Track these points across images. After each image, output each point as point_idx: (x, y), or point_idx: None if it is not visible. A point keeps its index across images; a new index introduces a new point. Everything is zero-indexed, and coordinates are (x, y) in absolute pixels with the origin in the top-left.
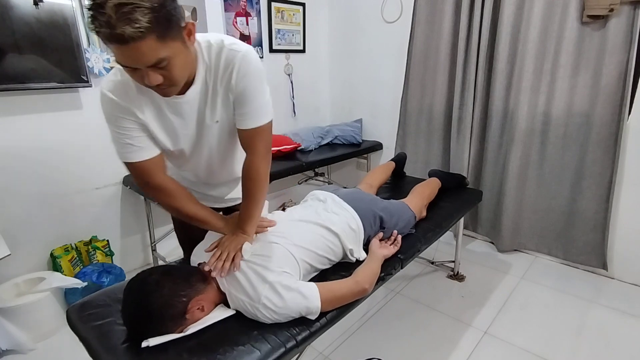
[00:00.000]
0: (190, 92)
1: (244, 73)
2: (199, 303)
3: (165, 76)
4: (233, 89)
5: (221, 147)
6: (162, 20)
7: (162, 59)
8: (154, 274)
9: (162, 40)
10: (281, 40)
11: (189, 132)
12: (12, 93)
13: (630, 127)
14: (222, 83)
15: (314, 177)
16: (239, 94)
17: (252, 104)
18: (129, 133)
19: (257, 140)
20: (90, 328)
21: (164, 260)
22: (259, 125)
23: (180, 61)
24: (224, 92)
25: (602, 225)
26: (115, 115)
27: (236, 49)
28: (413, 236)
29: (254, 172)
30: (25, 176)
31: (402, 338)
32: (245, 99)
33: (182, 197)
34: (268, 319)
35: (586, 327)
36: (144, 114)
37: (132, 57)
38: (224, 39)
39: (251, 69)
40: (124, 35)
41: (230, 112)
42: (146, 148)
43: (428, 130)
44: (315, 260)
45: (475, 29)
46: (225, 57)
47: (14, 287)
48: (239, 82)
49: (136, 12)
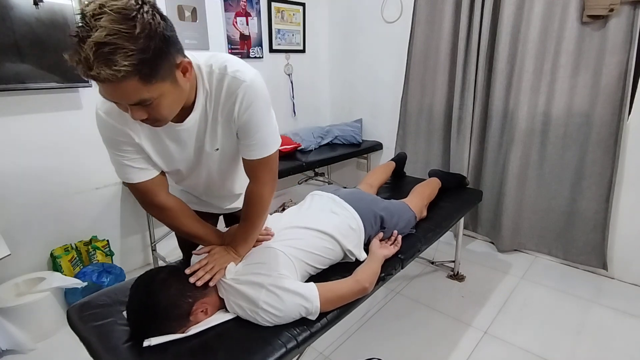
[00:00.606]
0: (188, 120)
1: (248, 104)
2: (203, 305)
3: (150, 113)
4: (236, 120)
5: (222, 171)
6: (149, 62)
7: (144, 100)
8: (161, 272)
9: (146, 82)
10: (281, 40)
11: (187, 156)
12: (12, 93)
13: (630, 127)
14: (224, 113)
15: (314, 177)
16: (243, 125)
17: (258, 135)
18: (128, 155)
19: (262, 170)
20: (91, 328)
21: (164, 260)
22: (264, 157)
23: (168, 100)
24: (225, 122)
25: (602, 225)
26: (113, 138)
27: (240, 77)
28: (413, 236)
29: (257, 198)
30: (26, 176)
31: (402, 338)
32: (250, 130)
33: (184, 216)
34: (268, 322)
35: (586, 327)
36: (139, 138)
37: (111, 94)
38: (227, 65)
39: (255, 99)
40: (99, 77)
41: (232, 141)
42: (146, 169)
43: (428, 130)
44: (313, 260)
45: (475, 29)
46: (228, 86)
47: (14, 287)
48: (243, 114)
49: (117, 54)
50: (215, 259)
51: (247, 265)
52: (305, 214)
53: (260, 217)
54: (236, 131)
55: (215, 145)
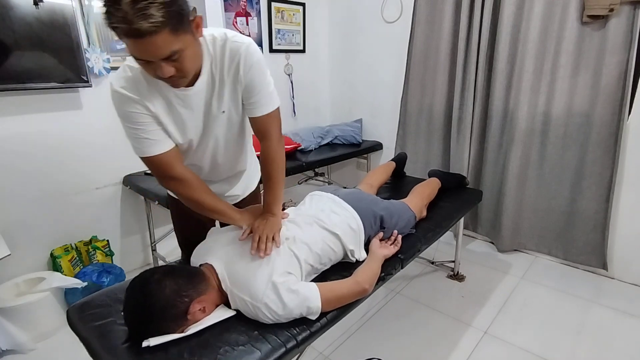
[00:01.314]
0: (197, 84)
1: (251, 62)
2: (200, 304)
3: (177, 68)
4: (241, 80)
5: (227, 137)
6: (174, 14)
7: (175, 52)
8: (156, 273)
9: (174, 33)
10: (281, 40)
11: (197, 123)
12: (12, 93)
13: (630, 127)
14: (230, 74)
15: (314, 177)
16: (248, 84)
17: (262, 92)
18: (144, 127)
19: (270, 125)
20: (91, 328)
21: (164, 260)
22: (270, 111)
23: (191, 53)
24: (231, 83)
25: (602, 225)
26: (129, 112)
27: (239, 40)
28: (413, 236)
29: (273, 155)
30: (26, 176)
31: (402, 338)
32: (254, 88)
33: (201, 189)
34: (269, 319)
35: (586, 327)
36: (155, 107)
37: (147, 51)
38: (227, 32)
39: (255, 59)
40: (141, 30)
41: (237, 103)
42: (163, 141)
43: (428, 130)
44: (316, 261)
45: (475, 29)
46: (230, 49)
47: (14, 287)
48: (247, 73)
49: (151, 8)
50: (262, 229)
51: (255, 259)
52: (309, 213)
53: (281, 173)
54: (242, 93)
55: (221, 108)
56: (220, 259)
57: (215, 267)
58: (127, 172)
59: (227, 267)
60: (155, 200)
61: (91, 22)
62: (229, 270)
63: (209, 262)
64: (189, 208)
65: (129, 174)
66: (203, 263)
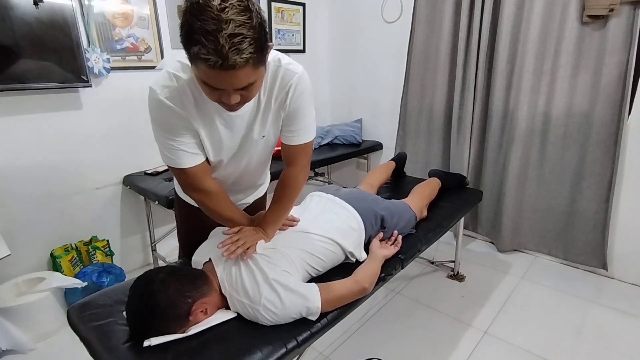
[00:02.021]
0: (244, 107)
1: (300, 93)
2: (202, 305)
3: (243, 96)
4: (287, 107)
5: (259, 158)
6: (260, 48)
7: (251, 83)
8: (160, 273)
9: (256, 67)
10: (281, 40)
11: (234, 144)
12: (12, 93)
13: (630, 127)
14: (277, 101)
15: (314, 177)
16: (292, 112)
17: (303, 122)
18: (182, 139)
19: (302, 155)
20: (91, 328)
21: (164, 260)
22: (305, 142)
23: (260, 83)
24: (276, 109)
25: (602, 225)
26: (171, 124)
27: (293, 69)
28: (413, 236)
29: (293, 181)
30: (26, 176)
31: (402, 338)
32: (297, 118)
33: (225, 201)
34: (268, 321)
35: (586, 327)
36: (196, 123)
37: (226, 81)
38: (281, 58)
39: (306, 89)
40: (234, 65)
41: (277, 128)
42: (197, 154)
43: (428, 130)
44: (315, 263)
45: (475, 29)
46: (282, 77)
47: (14, 287)
48: (294, 101)
49: (244, 42)
50: (246, 235)
51: (255, 261)
52: (307, 217)
53: (292, 200)
54: (283, 118)
55: (262, 133)
56: (221, 262)
57: (216, 270)
58: (127, 172)
59: (226, 270)
60: (155, 200)
61: (91, 22)
62: (228, 273)
63: (211, 262)
64: (199, 214)
65: (129, 174)
66: (205, 261)
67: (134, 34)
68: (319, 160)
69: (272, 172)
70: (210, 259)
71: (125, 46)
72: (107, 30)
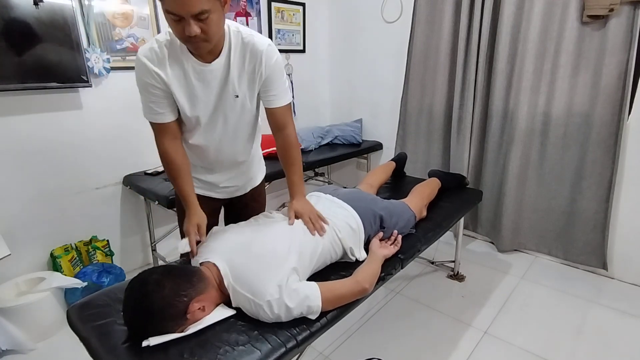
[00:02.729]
0: (214, 63)
1: (274, 60)
2: (200, 303)
3: (203, 29)
4: (263, 73)
5: (237, 123)
6: None
7: (204, 11)
8: (155, 273)
9: None
10: (281, 40)
11: (209, 99)
12: (12, 93)
13: (630, 127)
14: (250, 66)
15: (314, 177)
16: (269, 76)
17: (280, 86)
18: (154, 98)
19: (288, 115)
20: (91, 328)
21: (164, 260)
22: (287, 103)
23: (217, 18)
24: (250, 73)
25: (602, 225)
26: (145, 81)
27: (261, 40)
28: (413, 236)
29: (294, 141)
30: (26, 176)
31: (402, 338)
32: (274, 82)
33: (180, 170)
34: (269, 318)
35: (586, 327)
36: (169, 76)
37: (181, 4)
38: (252, 32)
39: (277, 56)
40: None
41: (253, 93)
42: (165, 114)
43: (428, 130)
44: (317, 260)
45: (475, 29)
46: (253, 45)
47: (14, 287)
48: (269, 67)
49: None
50: (303, 212)
51: (259, 254)
52: None
53: (300, 157)
54: (260, 85)
55: (235, 92)
56: (223, 256)
57: (217, 264)
58: (127, 172)
59: (229, 263)
60: (155, 200)
61: (91, 22)
62: (231, 266)
63: (210, 260)
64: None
65: (129, 174)
66: (204, 261)
67: (134, 34)
68: (319, 160)
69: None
70: (209, 257)
71: (125, 46)
72: (107, 30)
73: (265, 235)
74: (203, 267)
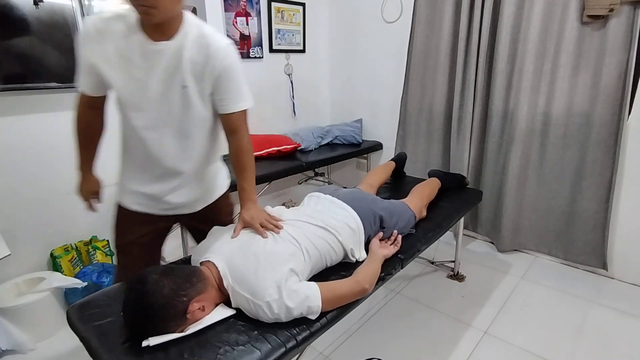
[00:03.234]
0: (163, 44)
1: (229, 59)
2: (199, 303)
3: None
4: (214, 68)
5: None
6: None
7: None
8: (154, 273)
9: None
10: (281, 40)
11: (152, 82)
12: (12, 93)
13: (630, 127)
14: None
15: (314, 177)
16: (221, 75)
17: (233, 90)
18: (83, 64)
19: (243, 122)
20: (91, 328)
21: (164, 260)
22: (244, 108)
23: None
24: (202, 66)
25: (602, 225)
26: (83, 44)
27: (221, 39)
28: (413, 236)
29: (246, 145)
30: (26, 176)
31: (402, 338)
32: (227, 83)
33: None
34: (269, 318)
35: (586, 327)
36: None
37: None
38: (213, 30)
39: (234, 57)
40: None
41: (202, 87)
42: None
43: (428, 130)
44: (317, 260)
45: (475, 29)
46: (213, 39)
47: (14, 287)
48: (222, 65)
49: None
50: (253, 222)
51: (258, 254)
52: (305, 214)
53: (253, 164)
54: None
55: (183, 82)
56: (222, 256)
57: (217, 264)
58: None
59: (229, 263)
60: None
61: None
62: (231, 266)
63: (210, 259)
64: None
65: None
66: (204, 260)
67: None
68: (319, 160)
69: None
70: (209, 256)
71: None
72: None
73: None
74: (203, 266)
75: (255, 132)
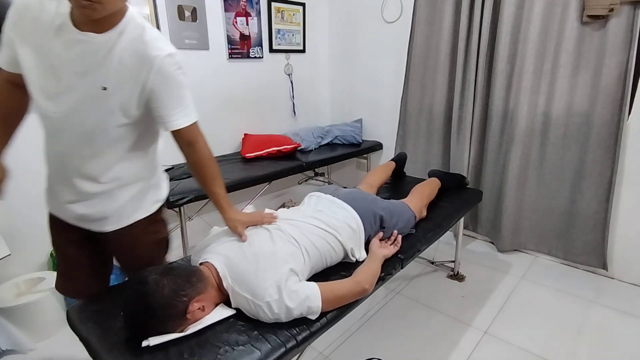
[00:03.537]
0: (88, 35)
1: (168, 71)
2: (199, 303)
3: None
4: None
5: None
6: None
7: None
8: (154, 273)
9: None
10: (281, 40)
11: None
12: None
13: (630, 127)
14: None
15: (314, 177)
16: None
17: (180, 103)
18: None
19: (197, 132)
20: (91, 328)
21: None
22: (195, 121)
23: None
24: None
25: (602, 225)
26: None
27: (167, 48)
28: (413, 236)
29: (207, 153)
30: (25, 176)
31: (402, 338)
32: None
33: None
34: (269, 318)
35: (586, 327)
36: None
37: None
38: (159, 35)
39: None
40: None
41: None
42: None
43: (428, 130)
44: (317, 260)
45: (475, 29)
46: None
47: (14, 287)
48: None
49: None
50: (247, 221)
51: (258, 255)
52: (305, 214)
53: (218, 170)
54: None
55: (103, 83)
56: (221, 257)
57: (216, 265)
58: None
59: (228, 264)
60: None
61: None
62: (230, 267)
63: (209, 260)
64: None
65: None
66: (203, 261)
67: None
68: (319, 160)
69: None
70: (208, 257)
71: None
72: None
73: (265, 236)
74: (203, 266)
75: (255, 132)
